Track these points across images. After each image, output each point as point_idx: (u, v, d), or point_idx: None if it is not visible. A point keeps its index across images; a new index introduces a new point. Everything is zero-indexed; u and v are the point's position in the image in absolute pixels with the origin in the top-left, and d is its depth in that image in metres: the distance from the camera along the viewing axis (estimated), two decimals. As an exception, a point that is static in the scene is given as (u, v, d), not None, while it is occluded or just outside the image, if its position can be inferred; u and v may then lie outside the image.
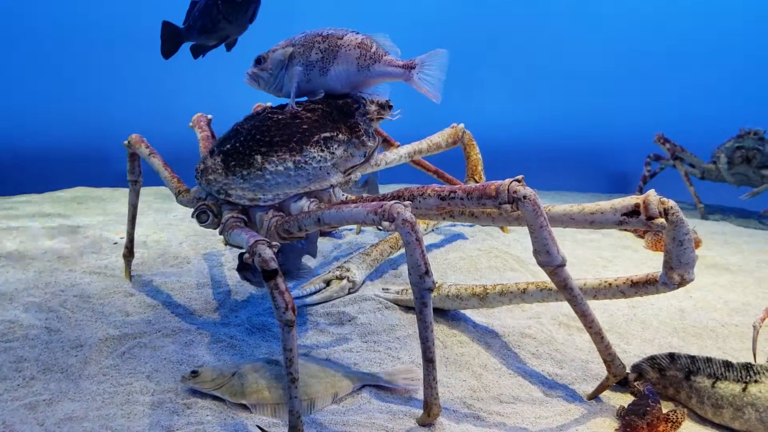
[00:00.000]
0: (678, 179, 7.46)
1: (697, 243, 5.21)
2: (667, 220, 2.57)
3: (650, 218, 2.55)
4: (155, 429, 2.48)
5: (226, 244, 2.85)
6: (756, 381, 2.63)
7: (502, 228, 4.98)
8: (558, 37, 8.72)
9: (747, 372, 2.66)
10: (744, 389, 2.63)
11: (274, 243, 2.59)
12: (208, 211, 2.97)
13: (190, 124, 3.86)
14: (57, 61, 7.23)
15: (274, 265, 2.40)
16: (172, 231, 4.83)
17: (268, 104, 3.31)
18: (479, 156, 4.13)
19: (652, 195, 2.57)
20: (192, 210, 3.05)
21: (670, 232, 2.63)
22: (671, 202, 2.58)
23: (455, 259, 4.36)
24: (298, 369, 2.42)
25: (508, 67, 8.59)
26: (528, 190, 2.49)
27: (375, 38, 3.03)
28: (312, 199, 2.98)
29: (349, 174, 3.10)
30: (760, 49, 8.86)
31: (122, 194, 6.39)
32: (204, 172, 2.99)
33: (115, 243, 4.50)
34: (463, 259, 4.37)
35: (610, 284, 2.94)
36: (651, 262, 4.87)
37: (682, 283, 2.73)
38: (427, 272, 2.45)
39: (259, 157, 2.87)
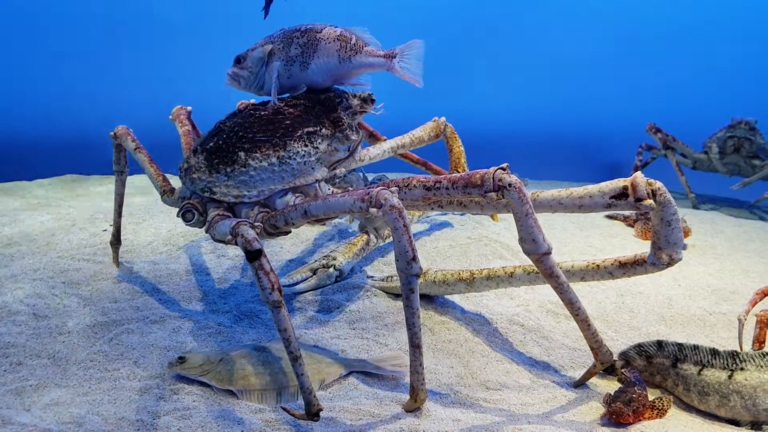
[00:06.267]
0: (669, 169, 7.46)
1: (687, 232, 5.21)
2: (655, 200, 2.58)
3: (638, 200, 2.56)
4: (142, 414, 2.48)
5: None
6: (742, 369, 2.64)
7: (492, 216, 4.98)
8: (547, 24, 8.70)
9: (733, 360, 2.67)
10: (730, 377, 2.65)
11: (256, 224, 2.59)
12: (194, 210, 2.96)
13: (170, 117, 3.85)
14: (48, 49, 7.20)
15: (257, 245, 2.41)
16: (161, 218, 4.82)
17: (252, 101, 3.31)
18: (462, 148, 4.13)
19: (639, 176, 2.58)
20: (177, 209, 3.04)
21: (659, 213, 2.65)
22: (659, 183, 2.60)
23: (445, 247, 4.37)
24: (287, 354, 2.43)
25: (496, 56, 8.56)
26: (513, 178, 2.49)
27: (354, 31, 3.04)
28: (297, 195, 2.97)
29: (334, 169, 3.10)
30: (752, 39, 8.85)
31: (112, 181, 6.37)
32: (188, 171, 2.99)
33: (104, 230, 4.49)
34: (453, 247, 4.37)
35: (598, 266, 2.95)
36: (641, 251, 4.86)
37: (671, 262, 2.75)
38: (414, 258, 2.44)
39: (242, 154, 2.87)
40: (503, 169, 2.53)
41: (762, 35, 8.84)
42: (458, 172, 4.05)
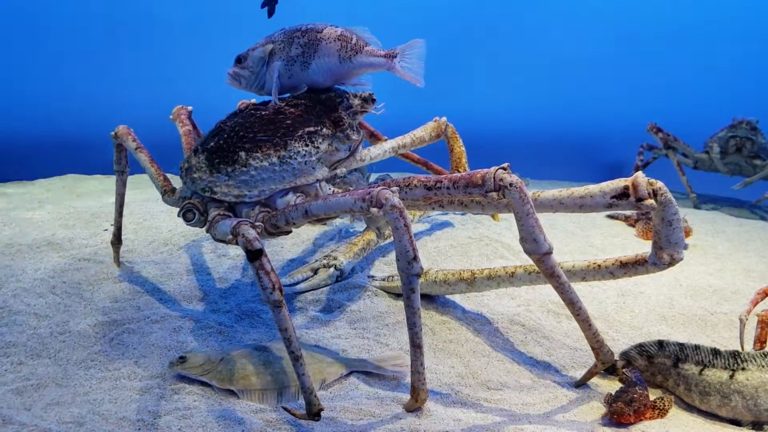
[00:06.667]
0: (670, 169, 7.45)
1: (688, 232, 5.21)
2: (656, 200, 2.58)
3: (639, 199, 2.56)
4: (142, 414, 2.48)
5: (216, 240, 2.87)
6: (743, 369, 2.64)
7: (492, 216, 4.97)
8: (548, 24, 8.68)
9: (734, 360, 2.67)
10: (731, 377, 2.64)
11: (257, 224, 2.58)
12: (194, 210, 2.94)
13: (171, 117, 3.84)
14: (48, 49, 7.19)
15: (258, 245, 2.41)
16: (162, 218, 4.81)
17: (252, 101, 3.31)
18: (463, 148, 4.12)
19: (640, 176, 2.58)
20: (178, 209, 3.03)
21: (660, 213, 2.65)
22: (660, 183, 2.60)
23: (445, 247, 4.36)
24: (288, 354, 2.43)
25: (497, 56, 8.54)
26: (514, 178, 2.49)
27: (355, 31, 3.04)
28: (298, 194, 2.97)
29: (335, 168, 3.10)
30: (753, 38, 8.84)
31: (113, 181, 6.37)
32: (188, 170, 2.98)
33: (105, 230, 4.48)
34: (454, 247, 4.37)
35: (599, 266, 2.94)
36: (642, 251, 4.85)
37: (672, 262, 2.75)
38: (415, 258, 2.44)
39: (243, 154, 2.87)
40: (504, 168, 2.53)
41: (763, 35, 8.82)
42: (459, 172, 4.04)
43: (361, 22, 3.08)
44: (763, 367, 2.61)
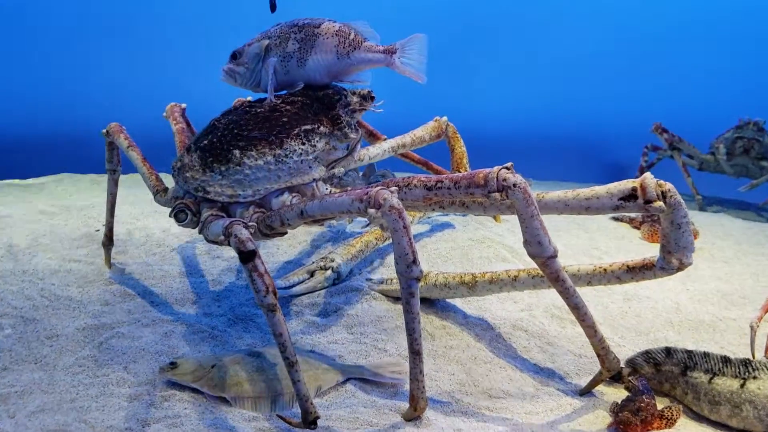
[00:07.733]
0: (675, 170, 7.40)
1: (695, 234, 5.13)
2: (665, 203, 2.52)
3: (648, 201, 2.50)
4: (131, 422, 2.41)
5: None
6: (755, 377, 2.58)
7: (494, 218, 4.91)
8: (551, 23, 8.68)
9: (745, 368, 2.61)
10: (742, 385, 2.59)
11: (250, 224, 2.52)
12: (187, 210, 2.89)
13: (164, 114, 3.78)
14: (43, 47, 7.17)
15: (251, 245, 2.37)
16: (155, 218, 4.74)
17: (248, 98, 3.24)
18: (464, 149, 4.10)
19: (649, 178, 2.51)
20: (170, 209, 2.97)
21: (668, 216, 2.59)
22: (669, 185, 2.54)
23: (446, 249, 4.28)
24: (282, 360, 2.37)
25: (499, 55, 8.53)
26: (518, 178, 2.42)
27: (354, 25, 3.00)
28: (294, 194, 2.92)
29: (332, 168, 3.04)
30: (759, 37, 8.81)
31: (105, 181, 6.31)
32: (181, 169, 2.92)
33: (97, 230, 4.41)
34: (455, 249, 4.29)
35: (605, 270, 2.89)
36: (647, 254, 4.78)
37: (681, 267, 2.70)
38: (415, 261, 2.38)
39: (237, 152, 2.81)
40: (507, 168, 2.47)
41: (769, 35, 8.82)
42: (460, 172, 3.99)
43: (362, 19, 3.03)
44: (775, 375, 2.54)
